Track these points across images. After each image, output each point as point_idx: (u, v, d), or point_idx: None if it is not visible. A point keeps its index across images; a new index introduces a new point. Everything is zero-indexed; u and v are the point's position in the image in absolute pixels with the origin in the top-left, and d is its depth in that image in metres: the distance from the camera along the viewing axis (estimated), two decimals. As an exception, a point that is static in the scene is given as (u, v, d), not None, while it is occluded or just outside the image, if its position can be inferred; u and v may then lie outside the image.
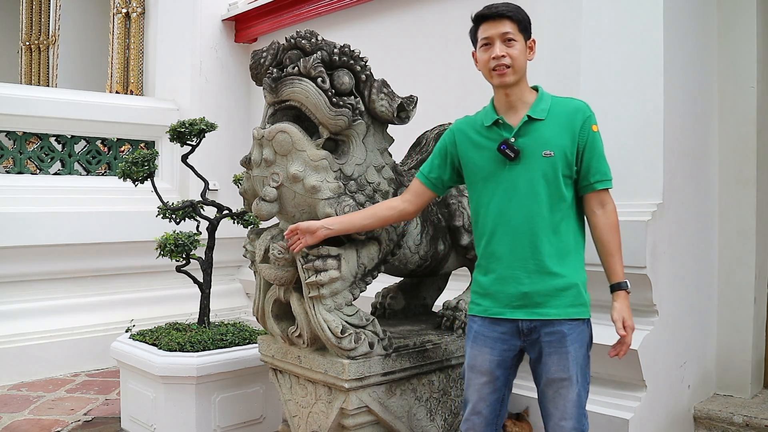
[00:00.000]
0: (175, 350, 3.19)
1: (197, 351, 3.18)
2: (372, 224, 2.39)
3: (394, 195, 2.58)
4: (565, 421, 2.07)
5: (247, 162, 2.52)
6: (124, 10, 6.22)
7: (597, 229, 2.12)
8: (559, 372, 2.08)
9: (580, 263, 2.13)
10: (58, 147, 5.24)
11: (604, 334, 2.41)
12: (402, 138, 2.83)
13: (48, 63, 8.08)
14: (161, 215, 3.52)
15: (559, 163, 2.07)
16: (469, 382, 2.22)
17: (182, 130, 3.51)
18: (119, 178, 3.59)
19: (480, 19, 2.13)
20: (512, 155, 2.08)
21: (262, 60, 2.50)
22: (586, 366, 2.13)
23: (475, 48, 2.18)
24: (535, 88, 2.18)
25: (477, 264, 2.23)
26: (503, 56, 2.07)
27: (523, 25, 2.11)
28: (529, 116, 2.09)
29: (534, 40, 2.16)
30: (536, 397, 2.20)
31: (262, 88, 2.48)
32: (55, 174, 5.22)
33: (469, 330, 2.23)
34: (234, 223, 3.61)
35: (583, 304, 2.11)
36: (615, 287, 2.11)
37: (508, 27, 2.08)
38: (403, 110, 2.54)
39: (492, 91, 2.20)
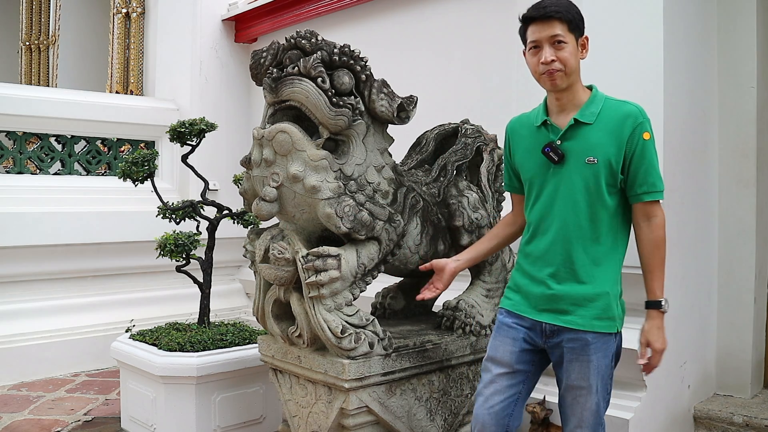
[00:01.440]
0: (175, 350, 3.19)
1: (197, 351, 3.18)
2: (498, 245, 2.45)
3: (394, 195, 2.58)
4: (580, 429, 2.05)
5: (247, 162, 2.52)
6: (124, 10, 6.22)
7: (640, 243, 2.04)
8: (579, 380, 2.04)
9: (615, 274, 2.07)
10: (58, 147, 5.24)
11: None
12: (402, 138, 2.83)
13: (48, 63, 8.08)
14: (161, 215, 3.52)
15: (602, 171, 1.99)
16: (487, 374, 2.17)
17: (182, 130, 3.51)
18: (119, 178, 3.59)
19: (528, 20, 2.03)
20: (556, 159, 2.03)
21: (262, 60, 2.50)
22: (608, 377, 2.07)
23: (525, 47, 2.09)
24: (590, 88, 2.10)
25: (516, 261, 2.23)
26: (553, 60, 1.98)
27: (575, 23, 2.00)
28: (576, 120, 2.02)
29: (587, 38, 2.06)
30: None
31: (262, 88, 2.48)
32: (55, 174, 5.21)
33: (497, 322, 2.23)
34: (234, 223, 3.61)
35: (611, 317, 2.04)
36: (648, 305, 2.03)
37: (557, 29, 1.97)
38: (403, 110, 2.54)
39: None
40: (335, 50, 2.39)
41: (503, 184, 2.43)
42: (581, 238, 2.02)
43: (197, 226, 3.59)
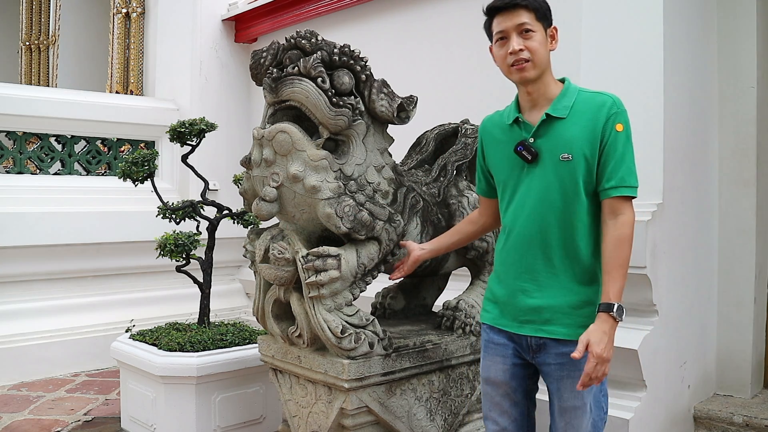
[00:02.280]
0: (175, 350, 3.19)
1: (197, 351, 3.19)
2: (460, 241, 2.43)
3: (394, 195, 2.58)
4: None
5: (247, 162, 2.52)
6: (124, 10, 6.22)
7: (603, 241, 1.88)
8: (572, 399, 1.91)
9: (599, 278, 1.93)
10: (58, 147, 5.24)
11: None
12: (402, 138, 2.83)
13: (48, 63, 8.09)
14: (161, 215, 3.52)
15: (578, 167, 1.88)
16: (486, 397, 2.10)
17: (182, 130, 3.51)
18: (119, 178, 3.59)
19: (493, 11, 1.94)
20: (529, 157, 1.92)
21: (262, 60, 2.50)
22: (601, 393, 1.94)
23: (491, 42, 2.00)
24: (562, 81, 2.00)
25: (494, 268, 2.13)
26: (521, 50, 1.89)
27: (542, 12, 1.92)
28: (548, 114, 1.92)
29: (555, 28, 1.97)
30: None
31: (262, 88, 2.48)
32: (55, 174, 5.22)
33: (482, 339, 2.14)
34: (234, 223, 3.61)
35: None
36: (599, 307, 1.84)
37: (524, 17, 1.89)
38: (403, 110, 2.54)
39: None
40: (335, 50, 2.39)
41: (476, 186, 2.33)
42: (561, 240, 1.91)
43: (197, 226, 3.59)
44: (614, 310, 1.81)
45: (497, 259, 2.09)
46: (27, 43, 8.31)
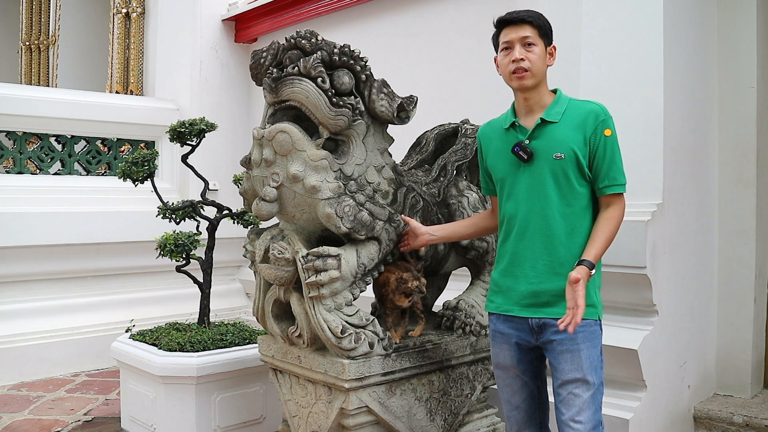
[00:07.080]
0: (175, 350, 3.19)
1: (197, 351, 3.18)
2: (473, 234, 2.60)
3: (394, 195, 2.59)
4: (577, 422, 2.04)
5: (247, 162, 2.52)
6: (124, 10, 6.22)
7: (596, 221, 2.13)
8: (573, 372, 2.08)
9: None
10: (58, 147, 5.24)
11: (608, 335, 2.43)
12: (402, 138, 2.83)
13: (48, 63, 8.09)
14: (161, 215, 3.52)
15: (569, 165, 2.10)
16: (499, 380, 2.32)
17: (182, 130, 3.51)
18: (119, 178, 3.59)
19: (502, 23, 2.18)
20: (525, 157, 2.13)
21: (262, 60, 2.50)
22: (599, 368, 2.12)
23: (497, 53, 2.23)
24: (555, 92, 2.22)
25: (495, 261, 2.30)
26: (522, 59, 2.11)
27: (543, 30, 2.15)
28: (542, 119, 2.13)
29: (555, 47, 2.20)
30: None
31: (262, 88, 2.48)
32: (55, 174, 5.22)
33: (490, 329, 2.33)
34: (234, 223, 3.61)
35: (593, 305, 2.10)
36: (580, 261, 2.04)
37: (528, 31, 2.13)
38: (403, 110, 2.54)
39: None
40: (335, 50, 2.39)
41: (481, 188, 2.51)
42: (557, 230, 2.11)
43: (197, 226, 3.59)
44: (593, 269, 2.04)
45: (499, 252, 2.27)
46: (27, 43, 8.31)
